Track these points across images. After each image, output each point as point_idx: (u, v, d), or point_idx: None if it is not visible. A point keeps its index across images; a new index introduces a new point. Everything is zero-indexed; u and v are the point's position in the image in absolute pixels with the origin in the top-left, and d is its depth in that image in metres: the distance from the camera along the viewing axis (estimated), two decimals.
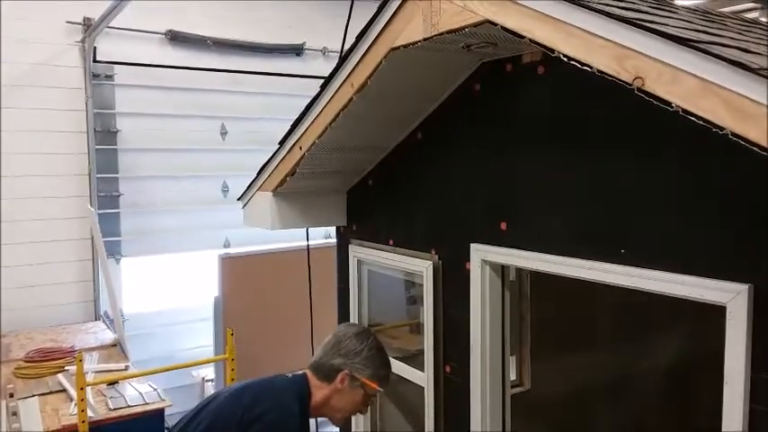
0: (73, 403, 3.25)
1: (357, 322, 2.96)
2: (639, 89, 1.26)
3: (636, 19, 1.30)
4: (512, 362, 2.90)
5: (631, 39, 1.27)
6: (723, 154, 1.37)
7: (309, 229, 3.17)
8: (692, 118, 1.18)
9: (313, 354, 2.90)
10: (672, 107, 1.21)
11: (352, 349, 2.19)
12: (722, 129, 1.13)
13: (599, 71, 1.34)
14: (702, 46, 1.18)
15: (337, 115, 2.29)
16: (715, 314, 1.52)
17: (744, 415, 1.43)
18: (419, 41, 1.85)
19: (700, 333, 2.85)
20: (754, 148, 1.10)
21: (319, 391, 2.18)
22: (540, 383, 3.27)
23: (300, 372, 2.25)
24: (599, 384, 3.42)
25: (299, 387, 2.16)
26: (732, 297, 1.44)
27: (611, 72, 1.31)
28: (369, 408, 2.36)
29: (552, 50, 1.43)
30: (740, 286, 1.42)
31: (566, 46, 1.40)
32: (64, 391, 3.54)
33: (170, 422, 3.18)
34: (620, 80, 1.30)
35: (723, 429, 1.48)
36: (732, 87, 1.12)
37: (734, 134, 1.12)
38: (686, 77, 1.18)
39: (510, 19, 1.52)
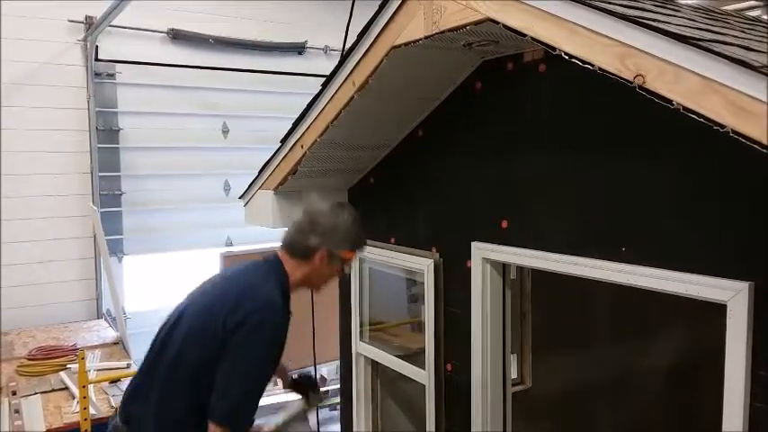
0: (75, 401, 3.26)
1: (357, 316, 2.96)
2: (641, 87, 1.26)
3: (638, 17, 1.30)
4: (513, 360, 2.90)
5: (633, 37, 1.27)
6: (724, 153, 1.37)
7: None
8: (694, 116, 1.18)
9: (313, 341, 2.93)
10: (673, 105, 1.21)
11: (329, 227, 2.10)
12: (723, 127, 1.13)
13: (600, 69, 1.34)
14: (704, 44, 1.19)
15: (339, 113, 2.29)
16: (716, 312, 1.52)
17: (744, 413, 1.43)
18: (420, 39, 1.85)
19: (701, 331, 2.85)
20: (755, 146, 1.10)
21: (297, 271, 2.11)
22: (541, 381, 3.27)
23: (273, 253, 2.17)
24: (600, 382, 3.42)
25: (277, 276, 2.08)
26: (733, 295, 1.44)
27: (613, 70, 1.32)
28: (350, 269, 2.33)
29: (554, 48, 1.44)
30: (741, 284, 1.43)
31: (567, 44, 1.40)
32: (66, 388, 3.54)
33: None
34: (622, 78, 1.30)
35: (724, 427, 1.48)
36: (734, 85, 1.12)
37: (735, 132, 1.12)
38: (688, 75, 1.19)
39: (511, 17, 1.52)
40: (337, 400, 4.14)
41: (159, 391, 2.01)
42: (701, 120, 1.16)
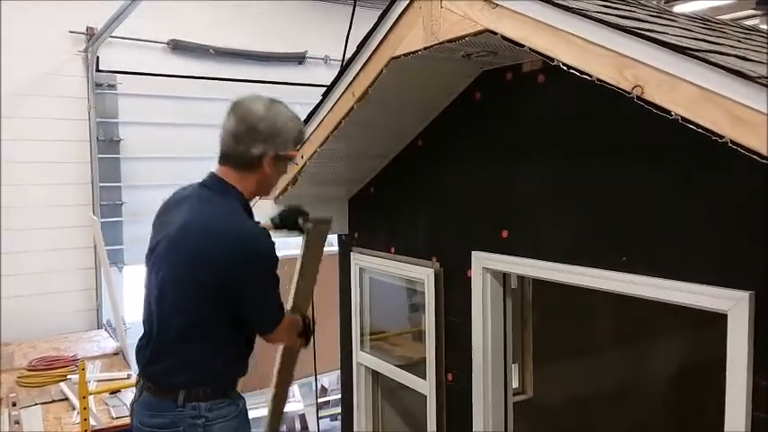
0: (75, 412, 3.25)
1: (358, 325, 2.95)
2: (639, 98, 1.27)
3: (635, 28, 1.31)
4: (514, 369, 2.90)
5: (631, 47, 1.28)
6: (723, 162, 1.37)
7: None
8: (692, 126, 1.18)
9: (314, 351, 2.92)
10: (671, 116, 1.21)
11: (270, 132, 1.99)
12: (722, 137, 1.14)
13: (599, 80, 1.35)
14: (702, 54, 1.19)
15: (339, 124, 2.30)
16: (717, 321, 1.52)
17: (746, 422, 1.43)
18: (420, 50, 1.86)
19: (702, 340, 2.84)
20: (755, 157, 1.10)
21: (245, 182, 2.03)
22: (543, 391, 3.26)
23: (211, 175, 2.09)
24: (601, 392, 3.41)
25: (236, 201, 2.01)
26: (733, 304, 1.44)
27: (611, 81, 1.32)
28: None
29: (552, 59, 1.44)
30: (741, 294, 1.43)
31: (565, 54, 1.41)
32: (66, 399, 3.53)
33: None
34: (620, 89, 1.30)
35: None
36: (731, 96, 1.13)
37: (733, 142, 1.12)
38: (686, 86, 1.19)
39: (509, 28, 1.53)
40: (338, 410, 4.14)
41: (176, 344, 1.98)
42: (700, 130, 1.16)
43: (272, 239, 1.99)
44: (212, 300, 1.94)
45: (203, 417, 1.96)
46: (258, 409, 5.19)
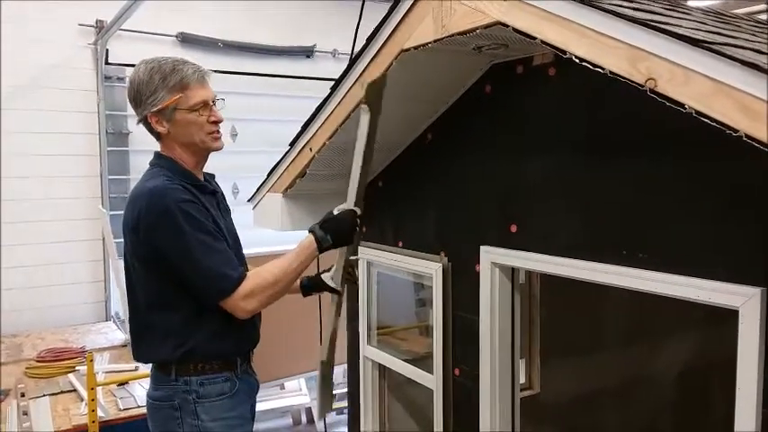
0: (83, 403, 3.27)
1: (365, 320, 2.95)
2: (652, 91, 1.25)
3: (649, 20, 1.29)
4: (521, 365, 2.89)
5: (644, 40, 1.27)
6: (736, 156, 1.35)
7: None
8: (706, 120, 1.17)
9: (321, 344, 2.86)
10: (685, 109, 1.20)
11: (134, 96, 1.98)
12: (736, 131, 1.12)
13: (611, 72, 1.33)
14: (716, 47, 1.17)
15: (348, 117, 2.29)
16: (727, 318, 1.51)
17: (757, 420, 1.42)
18: (430, 43, 1.85)
19: (712, 336, 2.82)
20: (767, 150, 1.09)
21: (167, 146, 2.04)
22: (550, 387, 3.25)
23: (155, 153, 2.09)
24: (609, 388, 3.39)
25: (156, 168, 2.00)
26: (745, 301, 1.42)
27: (624, 73, 1.31)
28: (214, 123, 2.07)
29: (564, 52, 1.43)
30: (753, 290, 1.41)
31: (577, 47, 1.39)
32: (75, 391, 3.55)
33: None
34: (633, 82, 1.29)
35: None
36: (746, 89, 1.11)
37: (748, 136, 1.11)
38: (699, 79, 1.17)
39: (521, 20, 1.52)
40: (345, 403, 4.13)
41: (148, 320, 1.99)
42: (714, 123, 1.15)
43: (180, 190, 1.89)
44: (152, 269, 1.92)
45: (194, 392, 1.95)
46: (262, 402, 5.20)
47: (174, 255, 1.87)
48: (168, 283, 1.92)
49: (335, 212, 2.07)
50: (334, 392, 5.56)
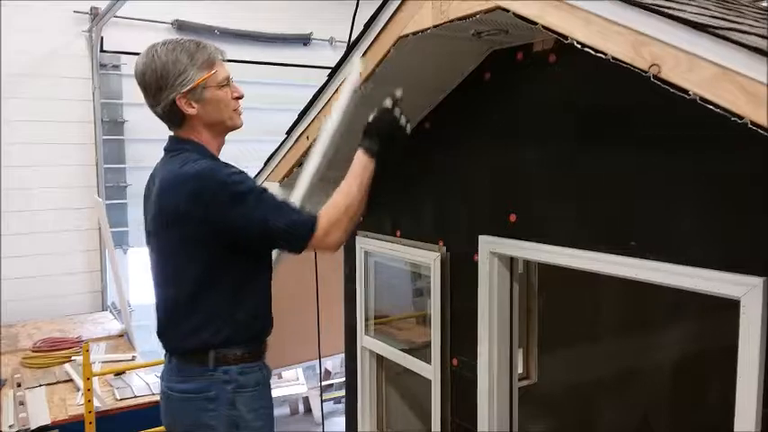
0: (80, 393, 3.26)
1: (362, 309, 2.94)
2: (656, 77, 1.23)
3: (652, 5, 1.27)
4: (519, 355, 2.88)
5: (648, 25, 1.24)
6: (737, 145, 1.34)
7: None
8: (710, 106, 1.15)
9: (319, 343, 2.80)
10: (689, 95, 1.18)
11: (154, 78, 1.86)
12: (741, 117, 1.10)
13: (614, 58, 1.31)
14: (721, 32, 1.15)
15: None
16: (726, 309, 1.50)
17: (757, 413, 1.41)
18: (428, 29, 1.82)
19: (711, 327, 2.82)
20: None
21: (192, 130, 1.91)
22: (548, 376, 3.25)
23: (168, 137, 1.98)
24: (606, 377, 3.40)
25: (186, 153, 1.88)
26: (746, 291, 1.41)
27: (627, 59, 1.28)
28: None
29: (565, 37, 1.40)
30: (754, 279, 1.39)
31: (579, 32, 1.37)
32: (71, 381, 3.55)
33: None
34: (636, 68, 1.26)
35: (736, 426, 1.45)
36: (751, 74, 1.08)
37: (753, 123, 1.09)
38: (704, 64, 1.15)
39: (522, 5, 1.49)
40: (342, 393, 4.14)
41: (192, 303, 1.89)
42: (718, 110, 1.13)
43: (226, 166, 1.85)
44: (204, 249, 1.85)
45: (234, 381, 1.89)
46: None
47: (243, 223, 1.80)
48: (219, 261, 1.86)
49: (370, 120, 1.99)
50: (331, 382, 5.53)
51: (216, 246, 1.85)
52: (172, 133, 1.97)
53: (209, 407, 1.88)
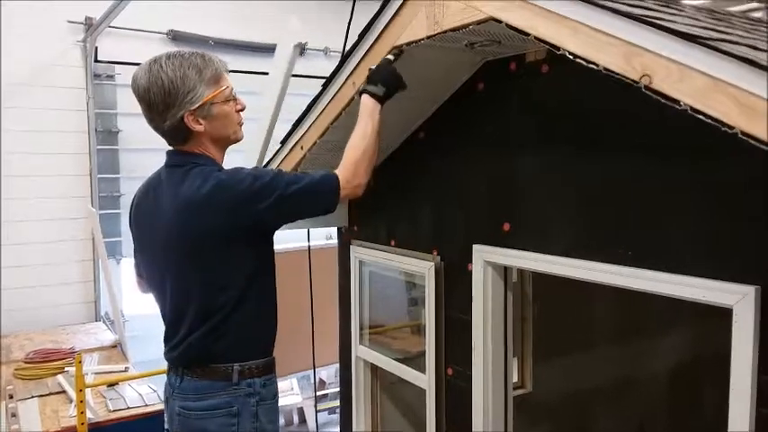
0: (72, 405, 3.24)
1: (357, 319, 2.93)
2: (647, 87, 1.24)
3: (643, 16, 1.28)
4: (514, 364, 2.88)
5: (639, 36, 1.25)
6: (730, 154, 1.35)
7: (310, 229, 3.15)
8: (701, 116, 1.16)
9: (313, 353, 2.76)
10: (680, 105, 1.19)
11: (162, 95, 1.79)
12: (732, 127, 1.11)
13: (605, 69, 1.32)
14: (711, 43, 1.16)
15: (339, 114, 2.27)
16: (720, 317, 1.50)
17: (750, 419, 1.41)
18: (422, 39, 1.83)
19: (705, 335, 2.83)
20: (764, 147, 1.07)
21: (198, 146, 1.87)
22: (543, 385, 3.25)
23: (169, 152, 1.95)
24: (602, 386, 3.40)
25: (195, 167, 1.84)
26: (739, 299, 1.41)
27: (618, 70, 1.29)
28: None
29: (557, 48, 1.41)
30: (747, 288, 1.40)
31: (571, 43, 1.38)
32: (64, 392, 3.52)
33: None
34: (628, 78, 1.28)
35: None
36: (742, 85, 1.09)
37: (744, 133, 1.10)
38: (695, 75, 1.16)
39: (514, 16, 1.50)
40: (337, 403, 4.12)
41: (214, 320, 1.85)
42: (710, 120, 1.14)
43: (239, 173, 1.82)
44: (229, 269, 1.83)
45: (258, 394, 1.87)
46: None
47: (276, 204, 1.77)
48: (251, 274, 1.85)
49: (372, 68, 2.02)
50: (326, 392, 5.52)
51: (250, 256, 1.84)
52: (171, 148, 1.94)
53: (232, 422, 1.84)
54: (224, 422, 1.84)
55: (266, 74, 5.92)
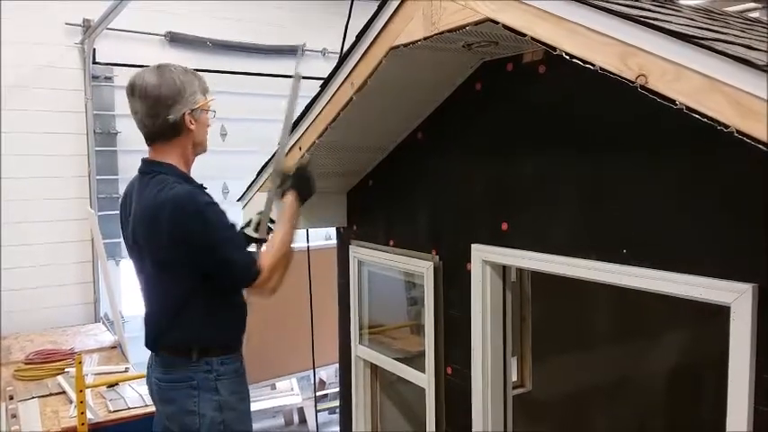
0: (73, 405, 3.24)
1: (356, 319, 2.94)
2: (643, 87, 1.25)
3: (639, 16, 1.29)
4: (513, 363, 2.89)
5: (635, 36, 1.26)
6: (727, 152, 1.35)
7: (309, 230, 3.16)
8: (697, 116, 1.16)
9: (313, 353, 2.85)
10: (676, 105, 1.20)
11: (173, 93, 2.09)
12: (727, 126, 1.12)
13: (601, 69, 1.33)
14: (707, 43, 1.17)
15: (337, 115, 2.28)
16: (718, 315, 1.51)
17: (749, 416, 1.42)
18: (419, 40, 1.84)
19: (703, 333, 2.84)
20: (760, 146, 1.08)
21: (179, 149, 2.16)
22: (542, 384, 3.26)
23: (143, 160, 2.22)
24: (601, 385, 3.40)
25: (163, 176, 2.09)
26: (736, 297, 1.42)
27: (614, 70, 1.30)
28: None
29: (554, 48, 1.42)
30: (744, 286, 1.41)
31: (568, 44, 1.39)
32: (64, 393, 3.52)
33: None
34: (624, 78, 1.28)
35: (728, 430, 1.46)
36: (737, 84, 1.11)
37: (739, 132, 1.10)
38: (690, 75, 1.17)
39: (511, 17, 1.51)
40: (336, 403, 4.13)
41: (176, 319, 2.14)
42: (705, 120, 1.15)
43: (201, 193, 2.08)
44: (179, 272, 2.08)
45: (215, 371, 2.13)
46: (254, 403, 5.18)
47: (205, 253, 2.04)
48: (196, 281, 2.09)
49: (288, 173, 2.32)
50: (326, 392, 5.54)
51: (192, 266, 2.06)
52: (153, 149, 2.19)
53: (193, 393, 2.12)
54: (187, 393, 2.13)
55: (263, 75, 5.95)
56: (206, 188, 2.26)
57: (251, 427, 2.31)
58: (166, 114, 2.09)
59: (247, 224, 2.49)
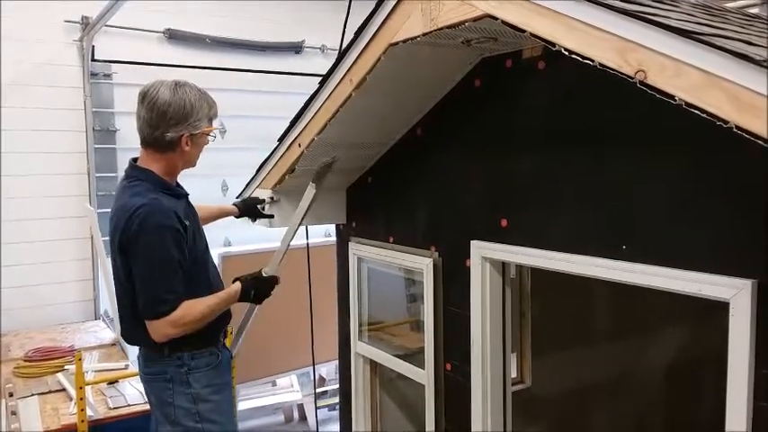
0: (72, 402, 3.24)
1: (356, 315, 2.94)
2: (642, 83, 1.25)
3: (638, 11, 1.29)
4: (512, 359, 2.89)
5: (634, 31, 1.26)
6: (726, 148, 1.35)
7: (309, 227, 3.16)
8: (696, 111, 1.16)
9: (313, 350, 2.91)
10: (675, 101, 1.19)
11: (179, 115, 2.17)
12: (726, 122, 1.12)
13: (601, 65, 1.32)
14: (706, 38, 1.17)
15: (336, 112, 2.27)
16: (717, 311, 1.51)
17: (748, 412, 1.42)
18: (418, 36, 1.84)
19: (702, 330, 2.84)
20: (759, 141, 1.08)
21: (167, 161, 2.24)
22: (541, 380, 3.26)
23: (130, 162, 2.33)
24: (600, 381, 3.41)
25: (143, 183, 2.19)
26: (735, 293, 1.42)
27: (613, 66, 1.30)
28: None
29: (553, 44, 1.42)
30: (744, 281, 1.41)
31: (567, 39, 1.38)
32: (63, 390, 3.52)
33: None
34: (623, 74, 1.28)
35: (726, 427, 1.46)
36: (737, 80, 1.10)
37: (738, 127, 1.10)
38: (690, 70, 1.17)
39: (510, 12, 1.51)
40: (337, 400, 4.13)
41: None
42: (704, 115, 1.14)
43: (163, 212, 2.13)
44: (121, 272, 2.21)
45: (187, 365, 2.24)
46: (254, 399, 5.19)
47: (137, 267, 2.15)
48: None
49: (264, 274, 2.42)
50: (326, 389, 5.55)
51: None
52: (144, 152, 2.27)
53: (168, 386, 2.25)
54: (162, 386, 2.27)
55: (263, 72, 5.94)
56: (187, 194, 2.36)
57: (231, 416, 2.42)
58: (166, 131, 2.17)
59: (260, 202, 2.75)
